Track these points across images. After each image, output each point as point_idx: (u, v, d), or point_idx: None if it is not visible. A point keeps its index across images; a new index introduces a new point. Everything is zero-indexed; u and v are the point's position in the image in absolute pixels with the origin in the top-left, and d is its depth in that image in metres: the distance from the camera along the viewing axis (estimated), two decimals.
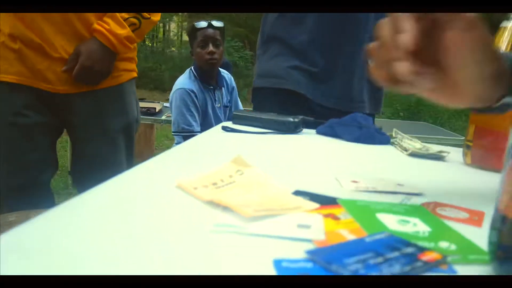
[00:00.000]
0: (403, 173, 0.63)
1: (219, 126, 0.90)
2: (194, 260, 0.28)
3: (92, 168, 1.20)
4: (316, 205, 0.39)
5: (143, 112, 2.86)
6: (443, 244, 0.32)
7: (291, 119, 0.91)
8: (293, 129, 0.91)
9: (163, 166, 0.54)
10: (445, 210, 0.43)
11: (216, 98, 2.31)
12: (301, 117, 0.93)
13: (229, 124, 0.95)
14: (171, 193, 0.42)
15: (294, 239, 0.32)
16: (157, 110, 2.95)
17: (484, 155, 0.69)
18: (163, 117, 2.85)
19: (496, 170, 0.67)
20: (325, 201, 0.42)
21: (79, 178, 1.26)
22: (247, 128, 0.90)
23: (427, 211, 0.41)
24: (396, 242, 0.31)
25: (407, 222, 0.37)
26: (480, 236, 0.35)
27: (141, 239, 0.30)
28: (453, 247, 0.32)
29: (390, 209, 0.40)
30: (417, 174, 0.63)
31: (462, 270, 0.29)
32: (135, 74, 1.29)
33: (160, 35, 20.66)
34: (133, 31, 1.17)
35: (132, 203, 0.38)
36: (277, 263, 0.28)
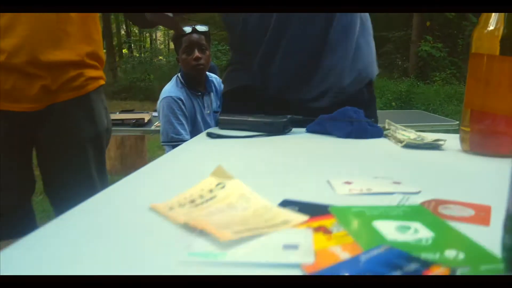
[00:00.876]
0: (399, 167, 0.59)
1: (204, 133, 0.86)
2: None
3: (64, 183, 1.13)
4: (305, 218, 0.35)
5: (132, 124, 2.80)
6: (450, 253, 0.28)
7: (279, 120, 0.87)
8: (281, 129, 0.87)
9: (137, 185, 0.50)
10: (447, 208, 0.39)
11: (205, 105, 2.25)
12: (289, 116, 0.89)
13: (214, 130, 0.90)
14: (144, 217, 0.37)
15: (279, 265, 0.27)
16: (146, 121, 2.89)
17: (483, 140, 0.66)
18: (153, 127, 2.79)
19: (496, 155, 0.63)
20: (316, 210, 0.38)
21: (53, 197, 1.19)
22: (234, 132, 0.86)
23: (428, 211, 0.37)
24: (396, 257, 0.27)
25: (407, 228, 0.33)
26: (489, 236, 0.31)
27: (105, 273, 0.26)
28: (461, 255, 0.28)
29: (388, 213, 0.36)
30: (414, 167, 0.59)
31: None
32: (102, 82, 1.20)
33: (147, 45, 20.59)
34: None
35: (101, 229, 0.34)
36: None
